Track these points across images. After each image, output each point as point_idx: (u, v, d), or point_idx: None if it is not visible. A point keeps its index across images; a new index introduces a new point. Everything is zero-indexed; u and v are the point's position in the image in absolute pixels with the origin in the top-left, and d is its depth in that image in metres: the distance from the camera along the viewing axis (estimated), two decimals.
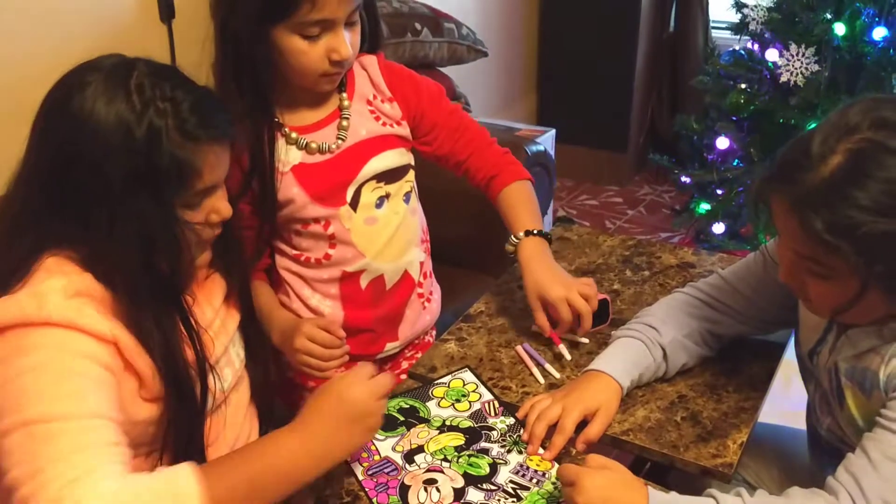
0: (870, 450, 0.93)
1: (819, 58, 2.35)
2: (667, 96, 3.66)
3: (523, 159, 2.17)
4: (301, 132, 1.28)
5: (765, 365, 1.27)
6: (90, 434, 0.85)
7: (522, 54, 3.66)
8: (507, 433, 1.15)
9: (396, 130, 1.34)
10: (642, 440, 1.13)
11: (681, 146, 2.82)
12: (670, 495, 0.96)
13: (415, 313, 1.44)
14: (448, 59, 2.45)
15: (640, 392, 1.21)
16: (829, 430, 1.13)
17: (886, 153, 0.89)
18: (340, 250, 1.32)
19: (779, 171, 0.97)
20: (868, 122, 0.92)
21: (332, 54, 1.19)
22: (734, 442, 1.12)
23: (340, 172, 1.29)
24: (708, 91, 2.63)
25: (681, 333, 1.22)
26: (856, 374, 1.03)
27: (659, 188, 3.63)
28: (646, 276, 1.52)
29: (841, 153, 0.91)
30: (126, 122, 0.91)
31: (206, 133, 0.95)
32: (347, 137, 1.29)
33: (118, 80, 0.92)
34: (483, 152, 1.42)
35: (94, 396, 0.88)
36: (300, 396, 1.44)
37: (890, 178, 0.88)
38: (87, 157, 0.91)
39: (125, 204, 0.91)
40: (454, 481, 1.06)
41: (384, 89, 1.34)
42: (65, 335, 0.88)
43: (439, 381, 1.24)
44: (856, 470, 0.93)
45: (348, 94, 1.31)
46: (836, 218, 0.89)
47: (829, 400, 1.11)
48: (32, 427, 0.84)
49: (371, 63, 1.34)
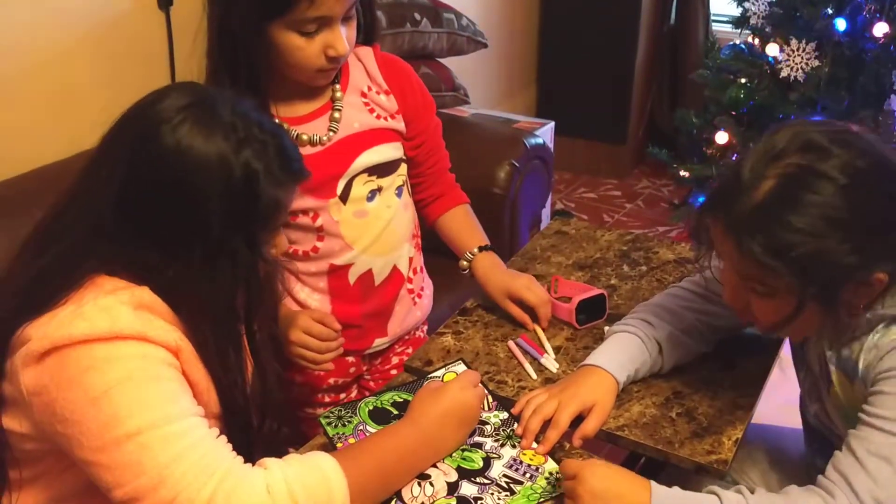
0: (855, 448, 0.95)
1: (820, 53, 2.34)
2: (666, 90, 3.65)
3: (522, 152, 2.17)
4: (293, 123, 1.27)
5: (760, 361, 1.27)
6: (197, 430, 0.88)
7: (522, 46, 3.65)
8: (500, 427, 1.14)
9: (391, 124, 1.33)
10: (637, 436, 1.13)
11: (680, 140, 2.82)
12: (673, 489, 0.96)
13: (404, 309, 1.44)
14: (447, 50, 2.43)
15: (635, 387, 1.21)
16: (816, 417, 1.15)
17: (815, 176, 0.93)
18: (328, 243, 1.31)
19: (713, 199, 1.01)
20: (796, 145, 0.96)
21: (329, 50, 1.18)
22: (729, 438, 1.12)
23: (331, 165, 1.28)
24: (708, 85, 2.63)
25: (677, 328, 1.22)
26: (840, 360, 1.05)
27: (657, 182, 3.62)
28: (643, 272, 1.51)
29: (771, 178, 0.95)
30: (226, 159, 0.91)
31: (292, 177, 0.98)
32: (339, 130, 1.29)
33: (208, 116, 0.93)
34: (441, 175, 1.45)
35: (184, 398, 0.90)
36: (287, 389, 1.43)
37: (819, 202, 0.92)
38: (189, 190, 0.91)
39: (223, 240, 0.92)
40: (447, 475, 1.06)
41: (380, 81, 1.33)
42: (139, 346, 0.89)
43: (433, 375, 1.24)
44: (844, 468, 0.94)
45: (341, 85, 1.30)
46: (770, 240, 0.93)
47: (818, 385, 1.12)
48: (140, 437, 0.85)
49: (367, 54, 1.33)
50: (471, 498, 1.03)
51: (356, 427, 1.13)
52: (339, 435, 1.11)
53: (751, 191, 0.95)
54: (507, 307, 1.35)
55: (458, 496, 1.03)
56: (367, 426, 1.13)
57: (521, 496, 1.03)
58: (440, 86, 2.41)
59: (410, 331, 1.49)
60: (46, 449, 0.95)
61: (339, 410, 1.16)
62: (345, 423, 1.13)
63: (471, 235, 1.43)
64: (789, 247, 0.93)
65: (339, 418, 1.14)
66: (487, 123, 2.49)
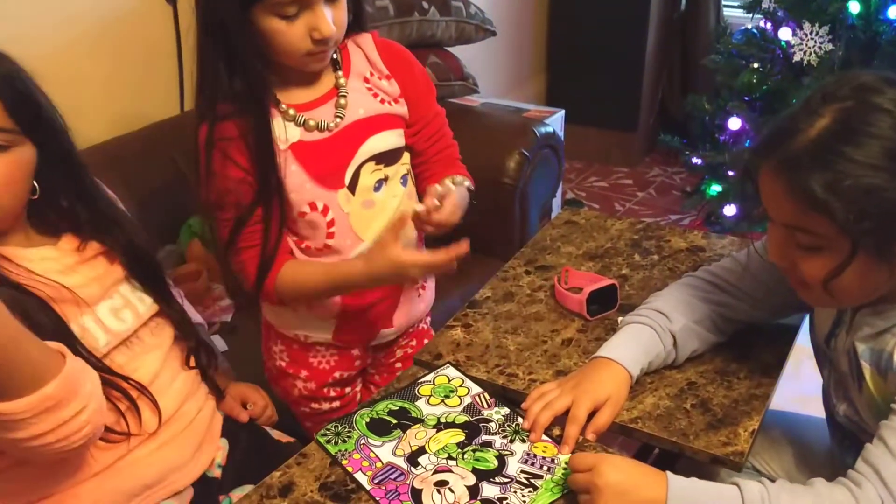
0: (887, 438, 0.92)
1: (833, 37, 2.31)
2: (678, 76, 3.62)
3: (532, 141, 2.15)
4: (299, 109, 1.26)
5: (776, 351, 1.25)
6: None
7: (531, 34, 3.62)
8: (504, 423, 1.13)
9: (395, 109, 1.32)
10: (651, 428, 1.11)
11: (692, 127, 2.79)
12: (691, 480, 0.95)
13: (410, 300, 1.43)
14: (456, 39, 2.41)
15: (648, 379, 1.19)
16: (846, 417, 1.11)
17: (874, 110, 0.91)
18: (339, 238, 1.30)
19: (763, 143, 0.99)
20: (848, 87, 0.94)
21: (314, 33, 1.17)
22: (745, 430, 1.10)
23: (339, 152, 1.27)
24: (720, 71, 2.60)
25: (691, 319, 1.20)
26: (872, 355, 1.02)
27: (669, 170, 3.59)
28: (655, 261, 1.49)
29: (828, 115, 0.93)
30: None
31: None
32: (346, 116, 1.28)
33: None
34: (451, 165, 1.38)
35: None
36: (291, 384, 1.44)
37: (878, 134, 0.90)
38: None
39: None
40: (465, 479, 1.04)
41: (381, 66, 1.32)
42: None
43: (423, 380, 1.22)
44: (875, 460, 0.91)
45: (344, 72, 1.29)
46: (826, 174, 0.91)
47: (845, 384, 1.09)
48: None
49: (366, 40, 1.32)
50: (495, 499, 1.01)
51: (357, 441, 1.10)
52: (343, 452, 1.08)
53: (805, 129, 0.93)
54: None
55: (483, 499, 1.01)
56: (369, 439, 1.10)
57: (544, 490, 1.01)
58: (449, 75, 2.39)
59: (415, 323, 1.48)
60: None
61: (336, 426, 1.13)
62: (344, 438, 1.10)
63: None
64: (844, 180, 0.89)
65: (338, 434, 1.11)
66: (497, 112, 2.47)
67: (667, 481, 0.94)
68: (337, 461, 1.07)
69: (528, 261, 1.51)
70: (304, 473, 1.06)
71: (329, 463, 1.07)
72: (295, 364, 1.42)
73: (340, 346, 1.41)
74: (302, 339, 1.39)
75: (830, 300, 1.01)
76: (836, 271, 0.95)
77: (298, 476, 1.06)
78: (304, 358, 1.41)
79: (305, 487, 1.04)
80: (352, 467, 1.06)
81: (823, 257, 0.95)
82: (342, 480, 1.05)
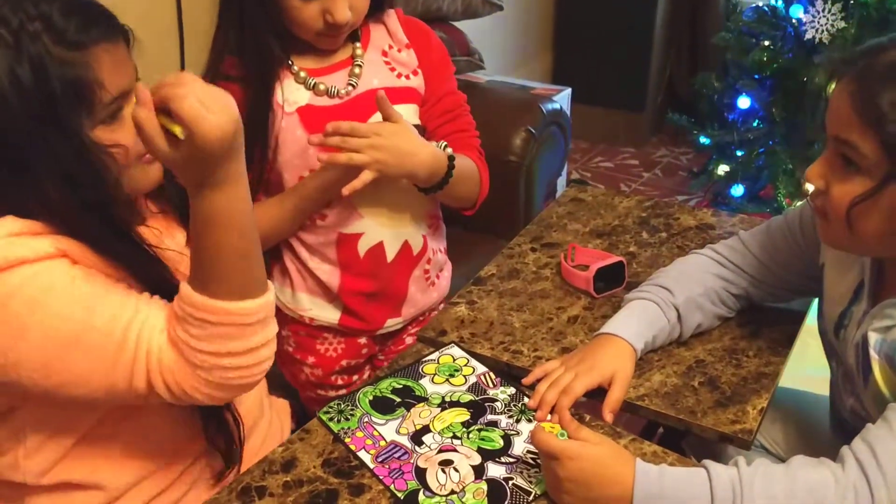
0: (892, 418, 0.89)
1: (845, 14, 2.27)
2: (686, 54, 3.57)
3: (538, 118, 2.12)
4: (312, 74, 1.25)
5: (785, 329, 1.23)
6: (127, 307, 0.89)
7: (538, 10, 3.58)
8: (510, 403, 1.11)
9: (412, 82, 1.30)
10: (658, 405, 1.10)
11: (700, 106, 2.75)
12: (658, 468, 0.91)
13: (419, 290, 1.40)
14: (462, 13, 2.38)
15: (656, 357, 1.18)
16: (853, 412, 1.10)
17: None
18: (337, 209, 1.28)
19: (852, 56, 0.97)
20: None
21: (328, 16, 1.17)
22: (754, 408, 1.08)
23: (347, 119, 1.25)
24: (729, 48, 2.56)
25: (695, 293, 1.19)
26: (885, 346, 0.99)
27: (676, 150, 3.56)
28: (663, 238, 1.47)
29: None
30: (10, 69, 0.82)
31: (90, 34, 0.86)
32: (359, 85, 1.27)
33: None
34: (463, 150, 1.34)
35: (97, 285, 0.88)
36: (299, 370, 1.43)
37: None
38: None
39: (34, 147, 0.84)
40: (471, 458, 1.02)
41: (401, 36, 1.31)
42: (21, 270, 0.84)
43: (427, 358, 1.20)
44: (872, 438, 0.88)
45: (362, 44, 1.29)
46: (893, 93, 0.89)
47: (852, 378, 1.07)
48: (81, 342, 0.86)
49: (389, 15, 1.32)
50: (501, 479, 0.99)
51: (361, 419, 1.08)
52: (345, 430, 1.07)
53: (890, 50, 0.93)
54: None
55: (488, 479, 0.99)
56: (373, 417, 1.09)
57: None
58: (454, 50, 2.36)
59: (425, 312, 1.45)
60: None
61: (339, 404, 1.11)
62: (347, 416, 1.09)
63: None
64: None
65: (340, 412, 1.10)
66: (503, 89, 2.44)
67: (634, 471, 0.90)
68: (339, 439, 1.06)
69: (534, 238, 1.49)
70: (306, 449, 1.05)
71: (332, 440, 1.06)
72: (301, 350, 1.40)
73: (347, 334, 1.39)
74: (308, 321, 1.37)
75: (847, 236, 0.98)
76: (864, 195, 0.93)
77: (301, 452, 1.04)
78: (312, 344, 1.40)
79: (308, 463, 1.02)
80: (355, 445, 1.04)
81: (857, 182, 0.94)
82: (345, 457, 1.03)
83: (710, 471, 0.89)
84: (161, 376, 0.89)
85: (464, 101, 1.38)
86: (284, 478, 1.00)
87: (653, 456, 1.01)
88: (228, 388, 0.92)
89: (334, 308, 1.36)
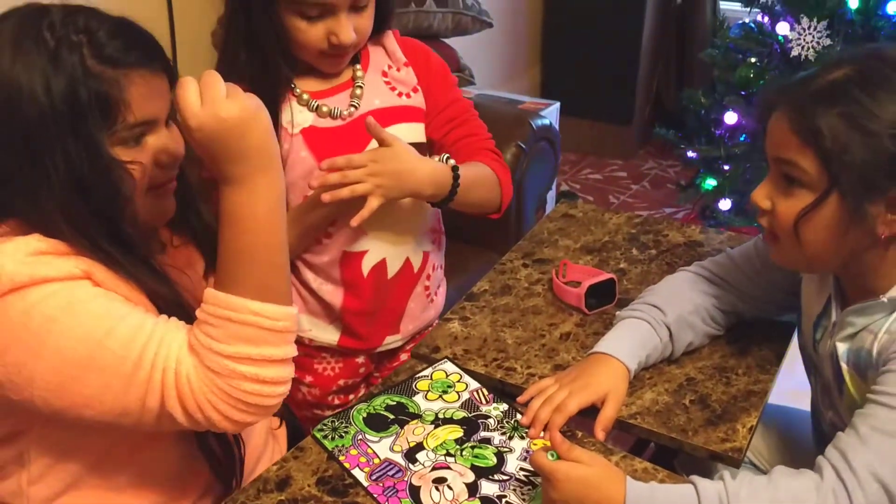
0: (859, 425, 0.92)
1: (831, 32, 2.30)
2: (673, 70, 3.60)
3: (528, 133, 2.14)
4: (314, 96, 1.27)
5: (774, 347, 1.25)
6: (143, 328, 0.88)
7: (527, 26, 3.60)
8: (503, 419, 1.12)
9: (413, 101, 1.31)
10: (650, 423, 1.11)
11: (687, 120, 2.78)
12: (649, 486, 0.93)
13: (419, 307, 1.41)
14: (452, 30, 2.40)
15: (647, 375, 1.19)
16: (832, 424, 1.12)
17: (891, 69, 0.95)
18: (342, 227, 1.29)
19: (785, 86, 1.03)
20: (866, 53, 1.01)
21: (332, 37, 1.18)
22: (744, 426, 1.10)
23: (351, 140, 1.26)
24: (716, 64, 2.58)
25: (685, 311, 1.20)
26: (851, 355, 1.02)
27: (664, 163, 3.58)
28: (653, 255, 1.49)
29: (847, 68, 0.97)
30: (44, 73, 0.84)
31: (129, 56, 0.88)
32: (360, 105, 1.28)
33: (28, 30, 0.86)
34: (474, 155, 1.34)
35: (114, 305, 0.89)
36: (296, 388, 1.42)
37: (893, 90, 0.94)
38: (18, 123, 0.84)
39: (54, 149, 0.85)
40: (464, 476, 1.03)
41: (399, 56, 1.32)
42: (42, 289, 0.85)
43: (421, 374, 1.21)
44: (843, 445, 0.92)
45: (362, 66, 1.30)
46: (830, 110, 0.94)
47: (830, 391, 1.10)
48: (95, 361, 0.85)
49: (387, 36, 1.33)
50: (494, 497, 1.00)
51: (355, 437, 1.09)
52: (339, 448, 1.07)
53: (823, 76, 0.98)
54: None
55: (481, 497, 1.00)
56: (367, 434, 1.09)
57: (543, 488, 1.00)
58: None
59: (422, 329, 1.45)
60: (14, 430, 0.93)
61: (333, 422, 1.12)
62: (341, 434, 1.09)
63: None
64: (850, 118, 0.93)
65: (334, 430, 1.10)
66: (493, 104, 2.45)
67: (624, 491, 0.91)
68: (334, 457, 1.06)
69: (526, 254, 1.50)
70: (300, 468, 1.05)
71: (326, 457, 1.06)
72: (299, 369, 1.39)
73: (345, 353, 1.40)
74: (307, 342, 1.38)
75: (798, 252, 1.01)
76: (809, 207, 0.97)
77: (295, 470, 1.05)
78: (309, 363, 1.40)
79: (302, 482, 1.03)
80: (349, 463, 1.05)
81: (801, 196, 0.98)
82: (340, 475, 1.04)
83: (697, 486, 0.91)
84: (176, 391, 0.86)
85: (470, 106, 1.38)
86: (279, 496, 1.01)
87: (644, 472, 1.03)
88: (244, 406, 0.88)
89: (334, 329, 1.36)
